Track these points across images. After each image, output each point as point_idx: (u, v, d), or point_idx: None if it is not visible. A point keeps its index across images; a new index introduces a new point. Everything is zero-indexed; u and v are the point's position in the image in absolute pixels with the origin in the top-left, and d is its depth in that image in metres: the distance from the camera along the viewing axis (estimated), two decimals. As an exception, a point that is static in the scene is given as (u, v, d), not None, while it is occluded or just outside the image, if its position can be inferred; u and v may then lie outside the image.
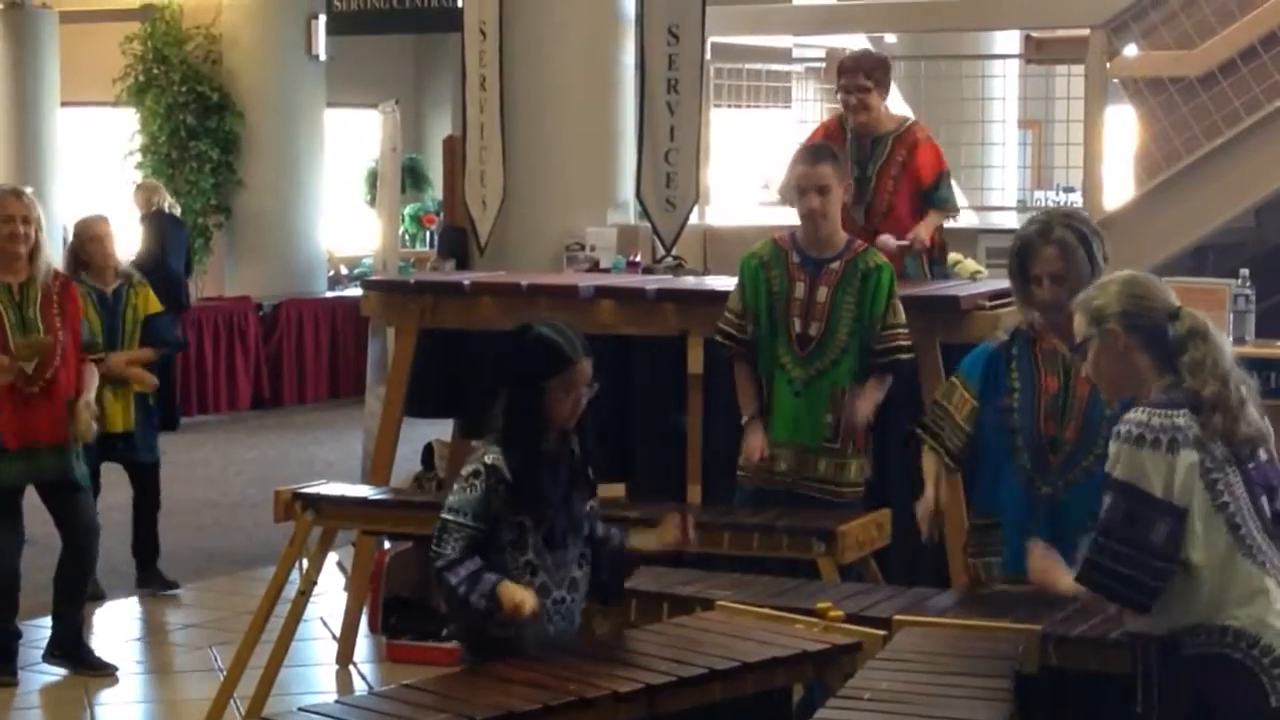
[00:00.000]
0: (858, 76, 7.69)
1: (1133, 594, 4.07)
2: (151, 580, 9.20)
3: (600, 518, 4.84)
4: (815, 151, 6.62)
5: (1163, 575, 4.02)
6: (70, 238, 14.57)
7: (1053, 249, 5.13)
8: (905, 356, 6.45)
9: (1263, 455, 4.19)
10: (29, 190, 7.81)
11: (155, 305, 9.07)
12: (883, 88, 7.76)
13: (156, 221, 13.84)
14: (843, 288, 6.40)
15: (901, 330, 6.42)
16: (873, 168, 7.68)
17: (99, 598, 8.92)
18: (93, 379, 7.70)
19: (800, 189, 6.44)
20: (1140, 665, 4.18)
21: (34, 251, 7.43)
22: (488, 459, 4.62)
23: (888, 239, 7.29)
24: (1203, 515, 4.04)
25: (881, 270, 6.42)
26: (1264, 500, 4.16)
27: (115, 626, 8.66)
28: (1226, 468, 4.08)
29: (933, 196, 7.75)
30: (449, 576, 4.55)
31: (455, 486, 4.68)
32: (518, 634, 4.54)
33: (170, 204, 14.56)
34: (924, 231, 7.65)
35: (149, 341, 8.97)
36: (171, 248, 13.77)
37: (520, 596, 4.49)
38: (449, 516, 4.62)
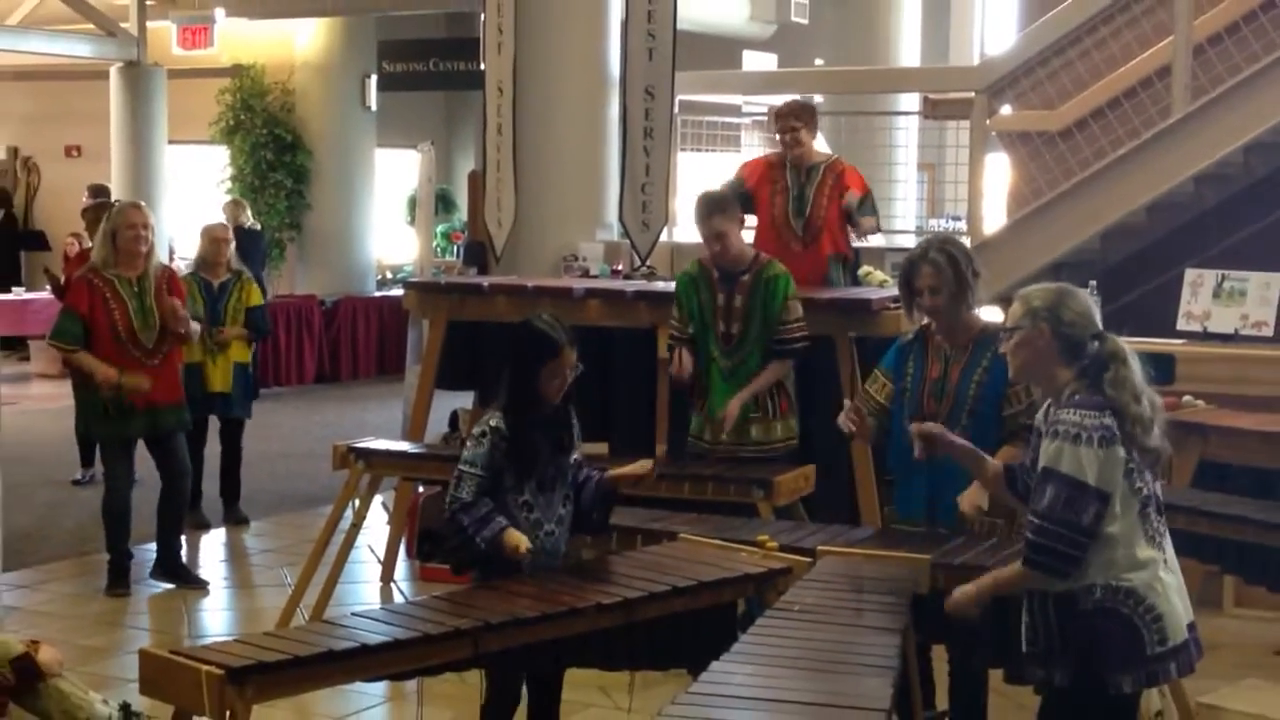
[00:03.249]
0: (789, 119, 7.68)
1: (1063, 566, 3.81)
2: (233, 516, 9.17)
3: (583, 466, 4.80)
4: (707, 206, 6.41)
5: (1086, 549, 3.79)
6: (172, 245, 14.29)
7: (929, 267, 5.10)
8: (801, 345, 6.36)
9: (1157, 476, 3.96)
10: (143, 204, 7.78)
11: (257, 299, 9.06)
12: (810, 127, 7.72)
13: (239, 234, 13.78)
14: (753, 294, 6.36)
15: (795, 324, 6.34)
16: (809, 189, 7.66)
17: (205, 526, 8.91)
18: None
19: (703, 238, 6.40)
20: (1037, 617, 3.93)
21: (149, 252, 7.41)
22: (492, 422, 4.60)
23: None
24: (1122, 498, 3.82)
25: (779, 279, 6.37)
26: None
27: (207, 551, 8.63)
28: (1141, 464, 3.86)
29: (862, 207, 7.72)
30: (462, 517, 4.55)
31: (468, 443, 4.65)
32: (517, 561, 4.52)
33: (251, 220, 14.51)
34: (868, 224, 7.66)
35: (247, 325, 8.95)
36: (252, 255, 13.72)
37: (517, 540, 4.48)
38: (464, 468, 4.60)
